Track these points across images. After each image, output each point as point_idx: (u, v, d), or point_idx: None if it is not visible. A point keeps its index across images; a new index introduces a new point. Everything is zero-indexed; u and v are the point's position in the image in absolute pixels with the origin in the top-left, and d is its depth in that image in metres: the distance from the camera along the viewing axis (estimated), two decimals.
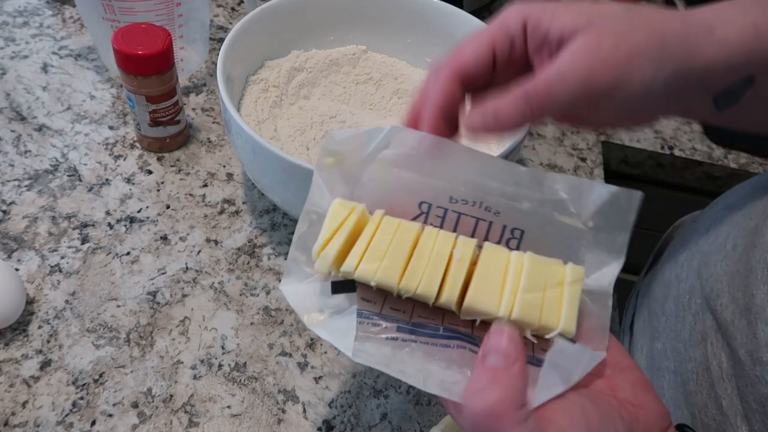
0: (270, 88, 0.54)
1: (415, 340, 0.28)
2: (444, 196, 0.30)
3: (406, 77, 0.59)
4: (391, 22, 0.58)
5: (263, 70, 0.55)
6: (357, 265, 0.27)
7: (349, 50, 0.59)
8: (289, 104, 0.55)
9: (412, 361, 0.27)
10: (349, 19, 0.58)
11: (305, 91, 0.56)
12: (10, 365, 0.42)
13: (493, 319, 0.28)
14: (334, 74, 0.58)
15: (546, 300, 0.27)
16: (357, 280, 0.28)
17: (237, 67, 0.51)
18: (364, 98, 0.57)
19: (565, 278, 0.28)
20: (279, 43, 0.56)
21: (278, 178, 0.44)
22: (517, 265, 0.28)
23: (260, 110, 0.52)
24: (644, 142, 0.68)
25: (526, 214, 0.30)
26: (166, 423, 0.40)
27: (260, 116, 0.52)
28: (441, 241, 0.28)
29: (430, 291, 0.27)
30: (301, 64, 0.57)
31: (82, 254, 0.48)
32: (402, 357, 0.27)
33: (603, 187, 0.29)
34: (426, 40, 0.58)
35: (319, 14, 0.57)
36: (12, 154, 0.54)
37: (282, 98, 0.55)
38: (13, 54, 0.62)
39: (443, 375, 0.27)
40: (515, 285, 0.27)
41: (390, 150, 0.31)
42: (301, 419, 0.41)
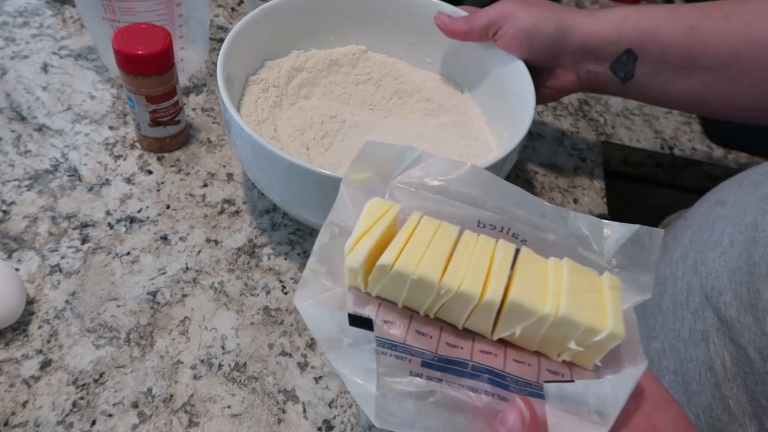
0: (270, 88, 0.54)
1: (440, 379, 0.26)
2: (472, 220, 0.30)
3: (406, 77, 0.59)
4: (392, 22, 0.58)
5: (263, 70, 0.55)
6: (396, 258, 0.26)
7: (349, 50, 0.59)
8: (289, 104, 0.55)
9: (438, 414, 0.25)
10: (349, 19, 0.58)
11: (305, 91, 0.56)
12: (10, 365, 0.42)
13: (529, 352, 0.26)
14: (334, 74, 0.58)
15: (590, 302, 0.26)
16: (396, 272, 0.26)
17: (237, 68, 0.51)
18: (364, 98, 0.57)
19: (604, 284, 0.27)
20: (279, 43, 0.56)
21: (278, 178, 0.44)
22: (556, 269, 0.27)
23: (260, 110, 0.52)
24: (644, 142, 0.68)
25: (552, 245, 0.30)
26: (166, 423, 0.40)
27: (260, 116, 0.52)
28: (482, 242, 0.28)
29: (474, 289, 0.26)
30: (301, 64, 0.56)
31: (82, 254, 0.48)
32: (427, 411, 0.25)
33: (623, 227, 0.29)
34: (426, 40, 0.57)
35: (319, 14, 0.57)
36: (12, 154, 0.54)
37: (282, 98, 0.55)
38: (14, 54, 0.63)
39: (469, 427, 0.25)
40: (558, 286, 0.26)
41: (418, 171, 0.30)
42: (301, 419, 0.42)
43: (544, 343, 0.27)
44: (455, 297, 0.26)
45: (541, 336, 0.26)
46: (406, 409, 0.25)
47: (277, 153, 0.41)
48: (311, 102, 0.56)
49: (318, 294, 0.27)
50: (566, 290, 0.26)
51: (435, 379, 0.26)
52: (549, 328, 0.26)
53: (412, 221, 0.28)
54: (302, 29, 0.56)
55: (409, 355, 0.26)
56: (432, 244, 0.27)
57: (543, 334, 0.26)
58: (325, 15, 0.57)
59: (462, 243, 0.27)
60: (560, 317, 0.25)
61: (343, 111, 0.55)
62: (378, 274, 0.26)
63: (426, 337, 0.27)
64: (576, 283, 0.27)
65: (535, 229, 0.30)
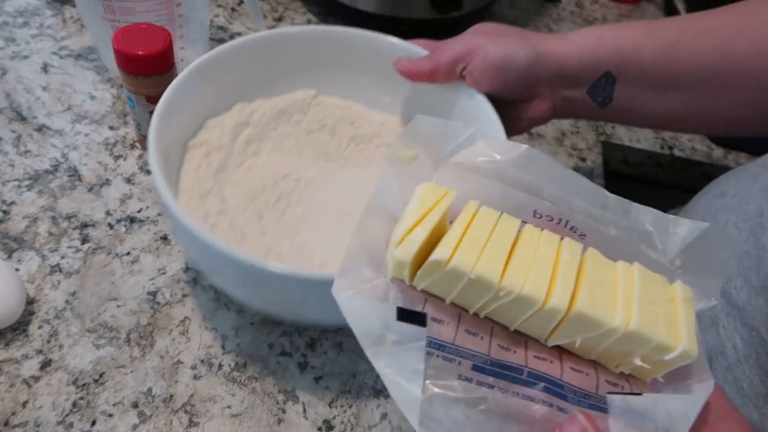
0: (213, 151, 0.48)
1: (492, 385, 0.24)
2: (528, 210, 0.27)
3: (363, 121, 0.53)
4: (343, 62, 0.52)
5: (204, 132, 0.48)
6: (452, 254, 0.24)
7: (298, 96, 0.53)
8: (236, 166, 0.49)
9: (488, 423, 0.23)
10: (297, 63, 0.52)
11: (253, 147, 0.50)
12: (10, 365, 0.42)
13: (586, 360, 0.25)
14: (284, 125, 0.52)
15: (662, 315, 0.24)
16: (452, 269, 0.24)
17: (174, 132, 0.45)
18: (319, 148, 0.52)
19: (677, 295, 0.25)
20: (220, 97, 0.49)
21: (232, 280, 0.38)
22: (626, 275, 0.25)
23: (203, 180, 0.46)
24: (644, 142, 0.68)
25: (612, 241, 0.27)
26: (167, 423, 0.40)
27: (204, 187, 0.46)
28: (545, 239, 0.25)
29: (538, 293, 0.23)
30: (246, 118, 0.50)
31: (82, 254, 0.48)
32: (477, 419, 0.23)
33: (691, 225, 0.27)
34: (382, 79, 0.52)
35: (262, 60, 0.50)
36: (12, 155, 0.54)
37: (227, 160, 0.48)
38: (14, 54, 0.63)
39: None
40: (628, 295, 0.24)
41: (468, 152, 0.28)
42: (301, 419, 0.42)
43: (605, 354, 0.25)
44: (516, 300, 0.24)
45: (603, 347, 0.25)
46: (453, 416, 0.23)
47: (227, 253, 0.34)
48: (261, 159, 0.50)
49: (359, 285, 0.25)
50: (637, 301, 0.24)
51: (486, 384, 0.24)
52: (615, 341, 0.24)
53: (468, 211, 0.25)
54: (244, 79, 0.50)
55: (459, 357, 0.24)
56: (492, 238, 0.24)
57: (606, 345, 0.24)
58: (269, 60, 0.51)
59: (524, 238, 0.25)
60: (630, 331, 0.23)
61: (297, 166, 0.50)
62: (430, 269, 0.24)
63: (477, 338, 0.25)
64: (647, 293, 0.24)
65: (595, 222, 0.27)
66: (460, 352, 0.24)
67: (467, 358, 0.24)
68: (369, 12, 0.68)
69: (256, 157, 0.50)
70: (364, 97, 0.54)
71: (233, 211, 0.45)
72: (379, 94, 0.53)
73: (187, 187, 0.45)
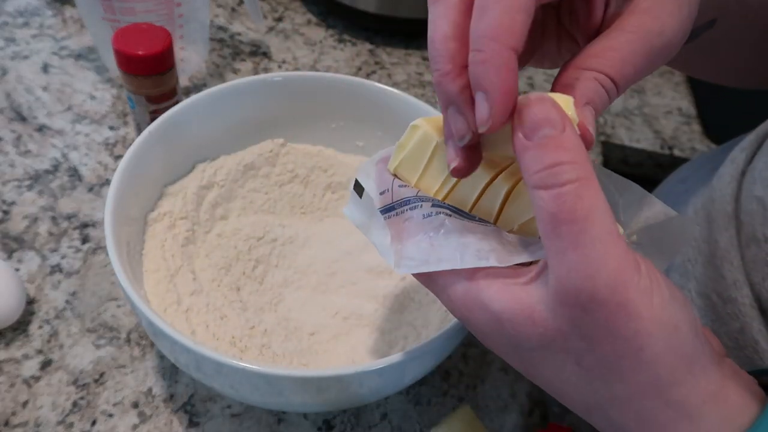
0: (177, 221, 0.43)
1: (449, 214, 0.26)
2: None
3: (338, 167, 0.49)
4: (310, 106, 0.48)
5: (164, 201, 0.44)
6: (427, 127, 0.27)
7: (264, 147, 0.48)
8: (204, 234, 0.44)
9: (448, 242, 0.25)
10: (259, 111, 0.48)
11: (221, 210, 0.46)
12: (10, 365, 0.42)
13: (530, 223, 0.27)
14: (252, 180, 0.47)
15: None
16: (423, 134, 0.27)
17: (132, 209, 0.40)
18: (293, 201, 0.48)
19: None
20: (178, 160, 0.45)
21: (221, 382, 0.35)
22: None
23: (170, 257, 0.41)
24: (644, 142, 0.68)
25: None
26: (167, 423, 0.40)
27: (172, 266, 0.41)
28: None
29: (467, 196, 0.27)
30: (210, 179, 0.45)
31: (82, 254, 0.48)
32: (439, 242, 0.26)
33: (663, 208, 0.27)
34: (354, 122, 0.49)
35: (222, 114, 0.46)
36: (12, 155, 0.54)
37: (195, 229, 0.44)
38: (14, 54, 0.63)
39: (479, 245, 0.25)
40: None
41: None
42: (301, 419, 0.42)
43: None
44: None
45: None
46: (421, 248, 0.26)
47: (202, 353, 0.32)
48: (231, 223, 0.46)
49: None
50: None
51: (445, 213, 0.26)
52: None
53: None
54: (203, 136, 0.46)
55: (421, 202, 0.27)
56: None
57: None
58: (229, 114, 0.46)
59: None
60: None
61: (272, 224, 0.46)
62: (410, 133, 0.28)
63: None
64: None
65: None
66: (422, 198, 0.27)
67: (427, 201, 0.27)
68: (369, 12, 0.68)
69: (225, 220, 0.46)
70: (336, 142, 0.50)
71: (207, 287, 0.41)
72: (351, 136, 0.49)
73: (152, 268, 0.40)
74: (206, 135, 0.46)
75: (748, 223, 0.35)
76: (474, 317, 0.24)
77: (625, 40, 0.26)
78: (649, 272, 0.22)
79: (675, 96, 0.74)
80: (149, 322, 0.33)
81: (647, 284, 0.21)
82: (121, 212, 0.38)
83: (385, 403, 0.43)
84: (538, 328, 0.22)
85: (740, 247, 0.35)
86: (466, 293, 0.24)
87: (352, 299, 0.43)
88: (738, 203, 0.36)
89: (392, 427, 0.42)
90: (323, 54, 0.69)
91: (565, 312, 0.22)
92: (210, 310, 0.39)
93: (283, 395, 0.34)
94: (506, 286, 0.23)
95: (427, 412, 0.43)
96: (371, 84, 0.47)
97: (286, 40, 0.70)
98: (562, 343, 0.22)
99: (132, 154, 0.40)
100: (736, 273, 0.34)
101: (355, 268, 0.45)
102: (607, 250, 0.21)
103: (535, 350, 0.23)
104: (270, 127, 0.48)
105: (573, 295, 0.21)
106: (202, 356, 0.32)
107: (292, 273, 0.45)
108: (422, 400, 0.43)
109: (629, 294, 0.21)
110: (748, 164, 0.38)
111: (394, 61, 0.70)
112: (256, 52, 0.68)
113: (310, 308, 0.43)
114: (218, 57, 0.66)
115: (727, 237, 0.35)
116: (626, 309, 0.21)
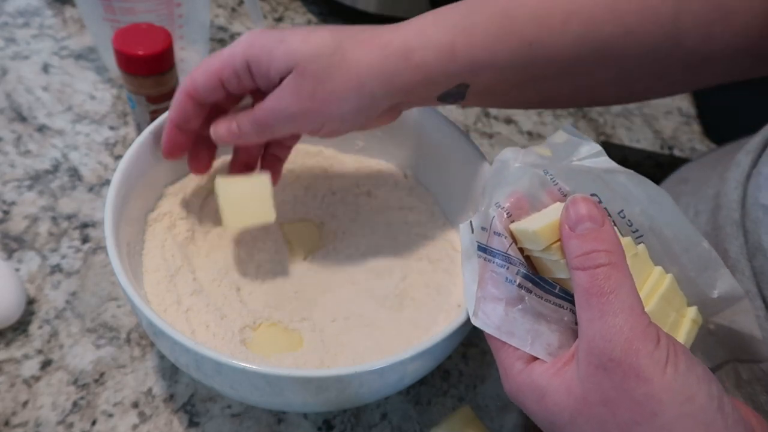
0: (177, 221, 0.43)
1: (531, 290, 0.28)
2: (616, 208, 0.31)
3: (338, 167, 0.49)
4: None
5: (164, 201, 0.44)
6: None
7: None
8: (204, 234, 0.44)
9: (523, 321, 0.28)
10: None
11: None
12: (10, 365, 0.42)
13: None
14: None
15: (670, 319, 0.29)
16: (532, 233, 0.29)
17: (132, 210, 0.40)
18: (293, 202, 0.48)
19: (689, 314, 0.29)
20: (178, 161, 0.43)
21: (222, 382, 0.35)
22: (660, 277, 0.29)
23: (170, 257, 0.41)
24: (644, 142, 0.68)
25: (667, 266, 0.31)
26: (167, 423, 0.40)
27: (172, 266, 0.41)
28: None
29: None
30: (210, 178, 0.45)
31: (82, 254, 0.48)
32: (514, 316, 0.28)
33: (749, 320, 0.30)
34: None
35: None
36: (12, 155, 0.54)
37: (194, 229, 0.44)
38: (14, 54, 0.63)
39: (550, 339, 0.28)
40: (654, 289, 0.28)
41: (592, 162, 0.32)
42: (301, 419, 0.42)
43: None
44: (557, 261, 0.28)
45: None
46: (497, 312, 0.28)
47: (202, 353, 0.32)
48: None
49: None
50: (659, 297, 0.28)
51: (526, 289, 0.28)
52: None
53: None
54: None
55: (509, 264, 0.29)
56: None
57: None
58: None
59: None
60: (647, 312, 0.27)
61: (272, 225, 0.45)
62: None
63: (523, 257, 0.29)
64: (668, 297, 0.29)
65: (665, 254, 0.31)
66: (511, 260, 0.29)
67: (516, 265, 0.28)
68: (369, 12, 0.68)
69: None
70: (336, 142, 0.49)
71: (208, 288, 0.41)
72: (351, 136, 0.47)
73: (152, 268, 0.40)
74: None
75: (754, 232, 0.34)
76: (523, 394, 0.28)
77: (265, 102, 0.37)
78: (669, 346, 0.24)
79: (675, 96, 0.74)
80: (149, 322, 0.33)
81: (662, 355, 0.24)
82: (121, 212, 0.38)
83: (385, 403, 0.43)
84: (571, 399, 0.25)
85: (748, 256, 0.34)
86: (520, 372, 0.28)
87: (352, 299, 0.43)
88: (743, 210, 0.36)
89: (392, 427, 0.42)
90: None
91: (589, 373, 0.25)
92: (210, 310, 0.39)
93: (283, 395, 0.34)
94: (554, 367, 0.27)
95: (427, 412, 0.43)
96: None
97: None
98: (588, 413, 0.25)
99: (132, 154, 0.40)
100: (748, 283, 0.33)
101: (355, 269, 0.44)
102: (626, 321, 0.24)
103: (568, 425, 0.26)
104: None
105: (596, 355, 0.25)
106: (202, 356, 0.32)
107: (293, 273, 0.44)
108: (422, 400, 0.43)
109: (640, 359, 0.24)
110: (752, 168, 0.37)
111: None
112: None
113: (311, 308, 0.43)
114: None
115: (737, 246, 0.35)
116: (637, 372, 0.24)
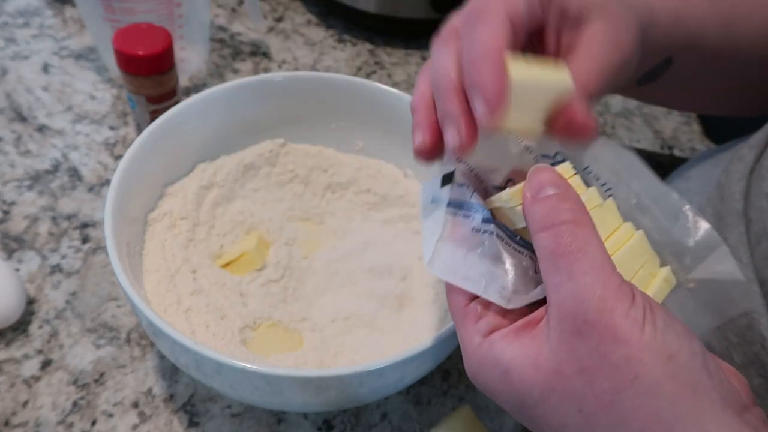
0: (177, 222, 0.43)
1: (493, 231, 0.26)
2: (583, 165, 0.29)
3: (338, 166, 0.49)
4: (310, 106, 0.48)
5: (164, 201, 0.44)
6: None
7: (264, 148, 0.48)
8: (204, 234, 0.45)
9: (480, 265, 0.26)
10: (259, 111, 0.48)
11: (221, 210, 0.46)
12: (10, 365, 0.42)
13: None
14: (252, 180, 0.47)
15: (636, 275, 0.26)
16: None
17: (132, 209, 0.41)
18: (293, 201, 0.48)
19: (660, 274, 0.27)
20: (179, 160, 0.45)
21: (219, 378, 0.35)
22: (627, 232, 0.27)
23: (170, 257, 0.41)
24: (644, 142, 0.68)
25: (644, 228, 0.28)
26: (167, 423, 0.40)
27: (172, 266, 0.41)
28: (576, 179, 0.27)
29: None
30: (210, 179, 0.46)
31: (82, 254, 0.48)
32: (471, 260, 0.26)
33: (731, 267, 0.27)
34: (355, 121, 0.49)
35: (222, 115, 0.46)
36: (12, 155, 0.54)
37: (195, 229, 0.44)
38: (14, 54, 0.63)
39: (504, 282, 0.26)
40: (616, 245, 0.26)
41: None
42: (301, 419, 0.42)
43: None
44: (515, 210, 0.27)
45: None
46: (456, 258, 0.27)
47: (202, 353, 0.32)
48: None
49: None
50: (623, 251, 0.26)
51: (488, 232, 0.27)
52: None
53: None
54: (204, 137, 0.46)
55: (472, 212, 0.27)
56: None
57: None
58: (229, 115, 0.46)
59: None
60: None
61: (272, 225, 0.47)
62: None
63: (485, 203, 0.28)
64: (635, 255, 0.26)
65: (639, 210, 0.29)
66: (473, 207, 0.27)
67: (478, 212, 0.27)
68: (369, 12, 0.68)
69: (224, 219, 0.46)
70: (336, 142, 0.50)
71: (208, 287, 0.41)
72: (351, 136, 0.49)
73: (152, 268, 0.40)
74: (206, 135, 0.46)
75: (758, 220, 0.35)
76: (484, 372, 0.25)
77: (592, 58, 0.30)
78: (645, 304, 0.22)
79: None
80: (149, 322, 0.33)
81: (638, 313, 0.22)
82: (121, 212, 0.38)
83: (385, 403, 0.43)
84: (540, 373, 0.23)
85: (749, 245, 0.35)
86: (479, 345, 0.25)
87: (352, 299, 0.43)
88: (747, 201, 0.36)
89: (392, 427, 0.42)
90: (323, 54, 0.69)
91: (562, 341, 0.23)
92: (210, 310, 0.39)
93: (283, 395, 0.34)
94: (517, 338, 0.24)
95: (427, 412, 0.43)
96: (371, 84, 0.48)
97: (286, 40, 0.70)
98: (562, 388, 0.23)
99: (132, 154, 0.40)
100: (746, 270, 0.34)
101: (355, 268, 0.44)
102: (597, 279, 0.22)
103: (539, 405, 0.23)
104: (270, 127, 0.48)
105: (568, 321, 0.22)
106: (202, 356, 0.32)
107: (293, 273, 0.45)
108: (422, 400, 0.43)
109: (616, 319, 0.22)
110: (756, 162, 0.38)
111: (394, 61, 0.69)
112: (256, 52, 0.68)
113: (311, 308, 0.43)
114: (218, 57, 0.66)
115: (736, 234, 0.35)
116: (614, 333, 0.22)
